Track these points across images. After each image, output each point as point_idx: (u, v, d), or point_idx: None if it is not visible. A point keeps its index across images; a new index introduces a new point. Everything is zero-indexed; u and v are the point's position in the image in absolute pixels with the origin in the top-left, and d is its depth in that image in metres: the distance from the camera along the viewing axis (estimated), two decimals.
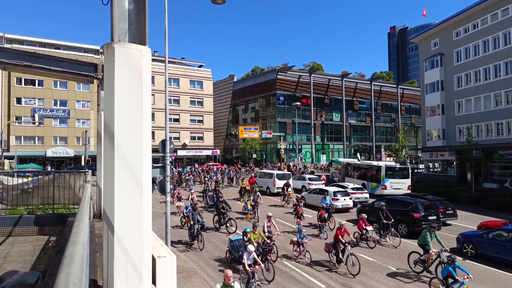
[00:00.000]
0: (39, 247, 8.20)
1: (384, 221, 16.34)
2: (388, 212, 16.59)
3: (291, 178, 31.61)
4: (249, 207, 20.98)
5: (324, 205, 18.96)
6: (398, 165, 31.32)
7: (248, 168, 51.99)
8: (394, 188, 28.84)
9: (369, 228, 15.87)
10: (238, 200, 26.33)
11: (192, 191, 22.98)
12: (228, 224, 17.33)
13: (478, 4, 35.59)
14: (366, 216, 16.19)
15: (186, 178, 36.85)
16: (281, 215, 22.28)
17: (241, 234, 12.97)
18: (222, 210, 17.69)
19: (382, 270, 12.91)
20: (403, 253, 14.50)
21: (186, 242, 15.72)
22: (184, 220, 18.01)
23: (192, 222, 14.99)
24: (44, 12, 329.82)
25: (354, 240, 12.99)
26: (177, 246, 15.29)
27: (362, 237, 15.80)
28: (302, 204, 20.56)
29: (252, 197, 21.59)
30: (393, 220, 16.52)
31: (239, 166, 51.89)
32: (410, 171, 30.99)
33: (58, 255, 5.39)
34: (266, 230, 13.73)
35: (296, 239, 13.68)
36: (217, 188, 22.97)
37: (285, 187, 26.21)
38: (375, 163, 33.55)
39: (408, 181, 29.68)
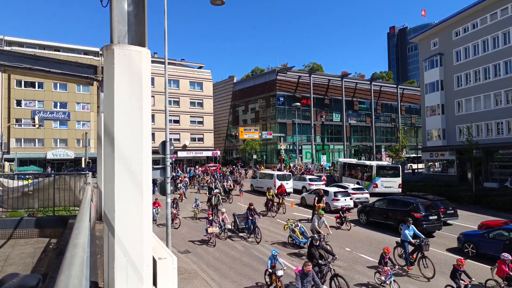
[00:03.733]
0: (39, 249, 8.18)
1: None
2: None
3: (291, 179, 31.65)
4: (300, 237, 14.60)
5: (412, 241, 12.66)
6: (389, 164, 32.68)
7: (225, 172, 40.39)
8: (385, 187, 29.99)
9: None
10: (261, 215, 20.69)
11: (199, 204, 19.77)
12: (334, 284, 10.44)
13: (478, 3, 35.61)
14: (510, 257, 10.40)
15: (179, 186, 29.20)
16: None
17: None
18: (319, 261, 10.83)
19: None
20: None
21: None
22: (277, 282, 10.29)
23: None
24: (44, 14, 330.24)
25: None
26: None
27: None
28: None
29: (314, 222, 14.26)
30: None
31: (221, 168, 45.80)
32: (400, 170, 32.12)
33: (58, 257, 5.39)
34: None
35: None
36: (252, 205, 16.70)
37: (316, 197, 20.33)
38: (368, 162, 34.60)
39: (398, 180, 30.72)
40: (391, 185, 30.27)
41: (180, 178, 32.89)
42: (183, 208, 23.32)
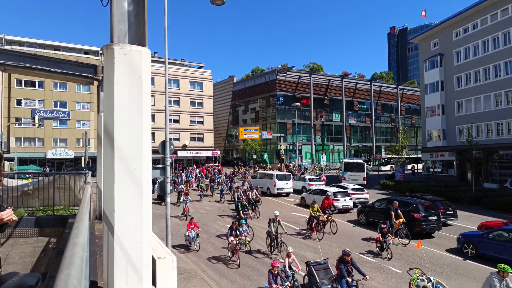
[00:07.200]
0: (39, 248, 8.18)
1: None
2: None
3: (291, 179, 31.64)
4: None
5: None
6: (355, 161, 39.37)
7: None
8: (352, 179, 35.03)
9: None
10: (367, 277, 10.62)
11: (247, 229, 14.45)
12: None
13: (478, 4, 35.60)
14: None
15: (182, 199, 22.03)
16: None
17: None
18: None
19: None
20: None
21: None
22: None
23: None
24: (44, 13, 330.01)
25: None
26: None
27: None
28: None
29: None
30: None
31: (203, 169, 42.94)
32: (365, 166, 38.43)
33: (58, 256, 5.39)
34: None
35: None
36: (348, 256, 10.08)
37: (392, 212, 16.22)
38: (345, 160, 41.55)
39: (363, 174, 36.65)
40: (357, 178, 35.70)
41: (182, 188, 24.89)
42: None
